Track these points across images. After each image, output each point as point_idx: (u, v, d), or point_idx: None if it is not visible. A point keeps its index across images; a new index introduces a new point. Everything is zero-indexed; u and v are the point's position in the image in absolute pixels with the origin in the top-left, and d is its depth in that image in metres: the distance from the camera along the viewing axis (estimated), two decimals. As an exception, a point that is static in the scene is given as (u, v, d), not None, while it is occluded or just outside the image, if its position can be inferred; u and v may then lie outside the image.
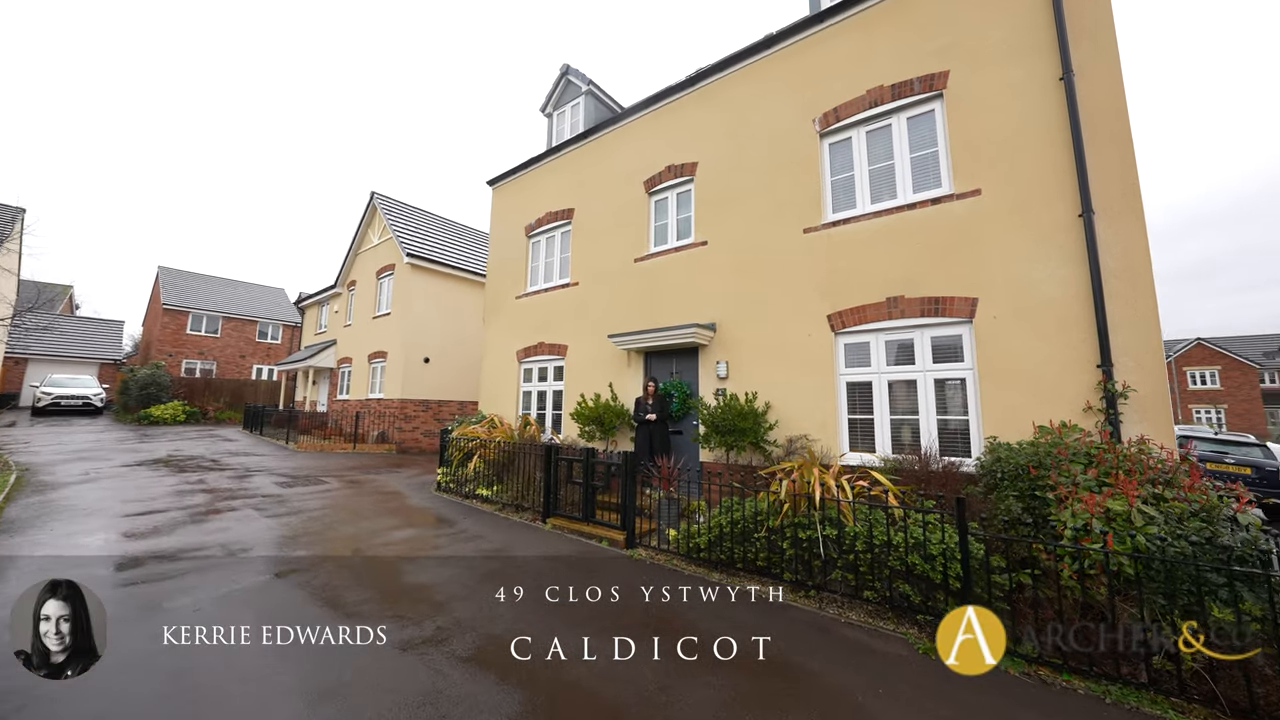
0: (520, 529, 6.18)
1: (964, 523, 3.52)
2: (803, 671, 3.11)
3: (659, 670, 3.03)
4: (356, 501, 7.42)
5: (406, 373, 13.99)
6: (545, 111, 11.25)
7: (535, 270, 10.62)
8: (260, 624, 3.35)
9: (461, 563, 4.83)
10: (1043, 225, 4.99)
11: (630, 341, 7.83)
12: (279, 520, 6.11)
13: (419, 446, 14.14)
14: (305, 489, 8.15)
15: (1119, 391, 4.42)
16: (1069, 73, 4.94)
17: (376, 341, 15.31)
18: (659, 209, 8.52)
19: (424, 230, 16.36)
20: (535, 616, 3.70)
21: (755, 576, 4.50)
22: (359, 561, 4.77)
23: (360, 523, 6.19)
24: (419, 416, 14.22)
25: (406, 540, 5.51)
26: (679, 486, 5.92)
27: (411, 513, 6.91)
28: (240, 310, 27.66)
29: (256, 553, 4.85)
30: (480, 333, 15.69)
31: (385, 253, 15.72)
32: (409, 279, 14.39)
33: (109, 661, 2.70)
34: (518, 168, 11.15)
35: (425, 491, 8.46)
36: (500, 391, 10.62)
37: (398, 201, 16.83)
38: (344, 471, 10.16)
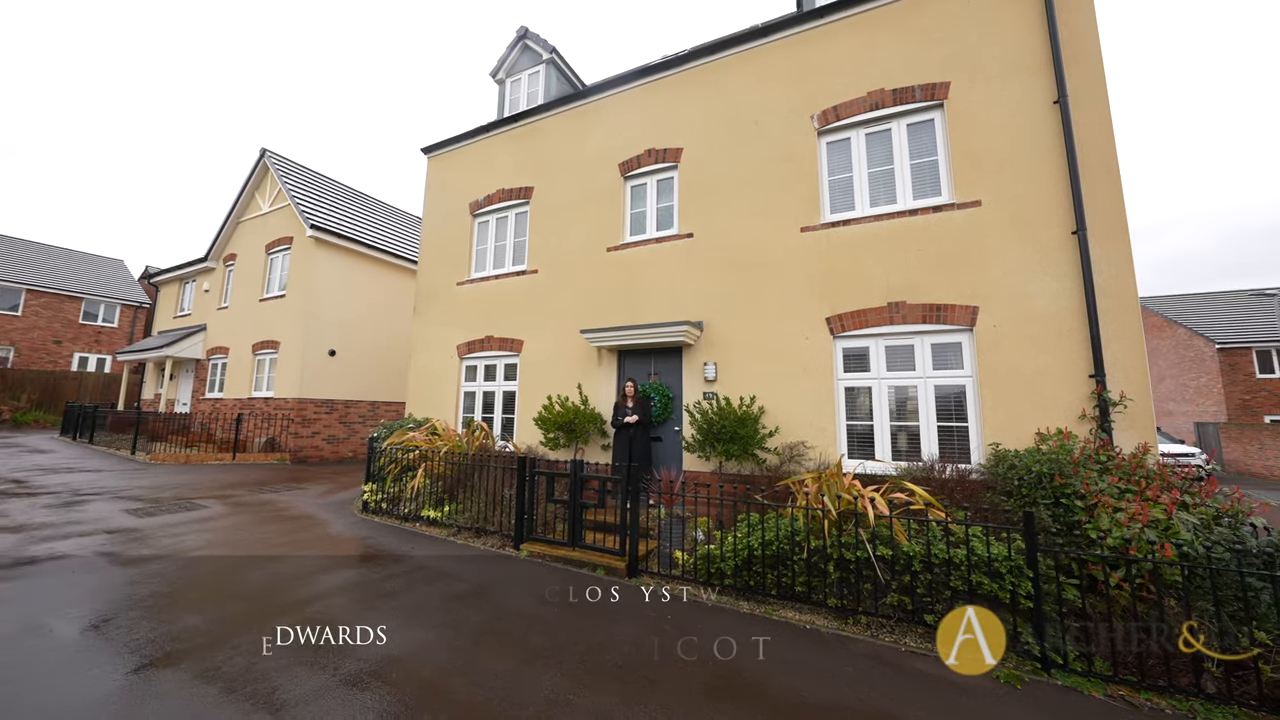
0: (490, 560, 5.14)
1: (1033, 537, 3.36)
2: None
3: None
4: (256, 533, 5.76)
5: (306, 367, 11.72)
6: (496, 77, 10.01)
7: (482, 254, 9.36)
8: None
9: (437, 616, 3.76)
10: (1040, 240, 5.19)
11: (607, 338, 7.06)
12: (142, 570, 4.42)
13: (320, 455, 11.93)
14: (175, 518, 6.21)
15: (1116, 401, 4.66)
16: (1064, 96, 5.19)
17: (265, 329, 12.69)
18: (636, 195, 7.85)
19: (331, 200, 13.95)
20: (589, 697, 2.85)
21: (791, 604, 4.04)
22: (285, 633, 3.49)
23: (270, 565, 4.71)
24: (320, 420, 12.00)
25: (346, 589, 4.23)
26: (675, 501, 5.31)
27: (339, 545, 5.49)
28: (54, 283, 21.69)
29: (113, 634, 3.31)
30: (403, 323, 13.81)
31: (279, 223, 13.11)
32: (312, 256, 12.09)
33: None
34: (462, 136, 9.77)
35: (348, 514, 6.91)
36: (435, 392, 9.18)
37: (297, 164, 14.17)
38: (226, 490, 8.06)
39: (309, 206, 12.51)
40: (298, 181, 13.37)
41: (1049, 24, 5.36)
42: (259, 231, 13.64)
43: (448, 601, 4.01)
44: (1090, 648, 3.19)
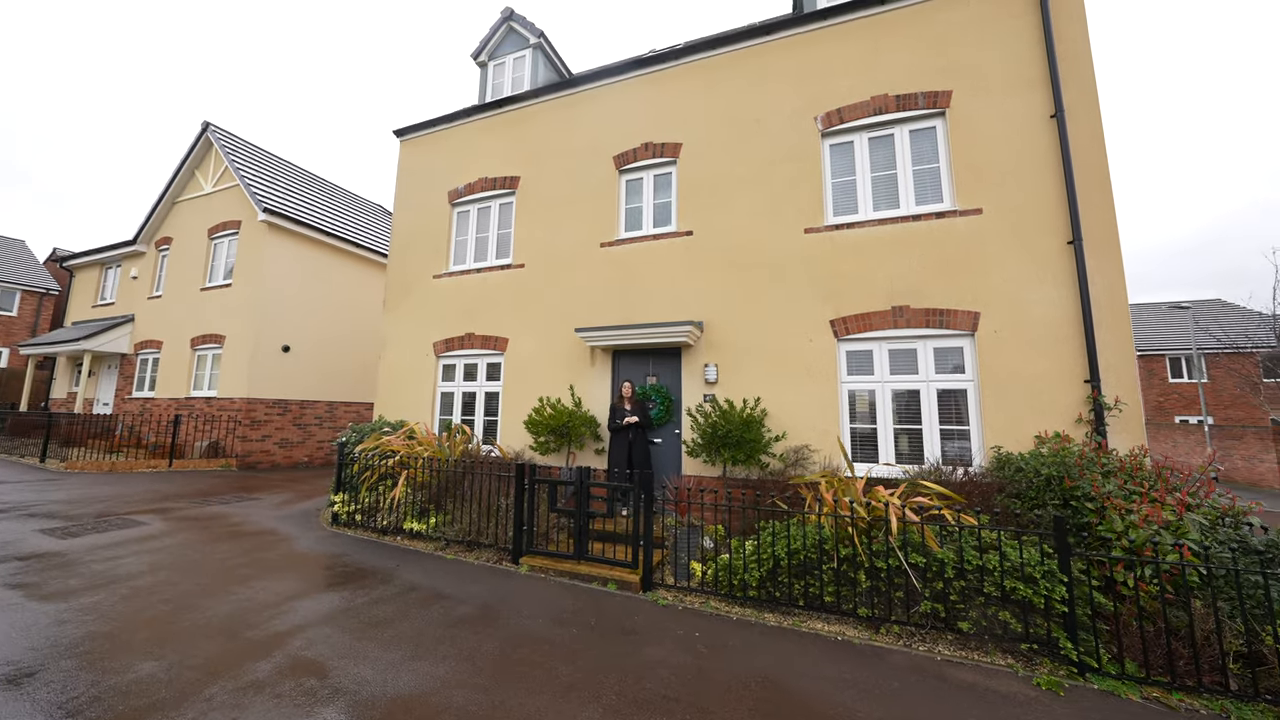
0: (488, 577, 4.73)
1: (1064, 541, 3.38)
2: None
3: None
4: (210, 554, 5.06)
5: (256, 364, 10.67)
6: (478, 59, 9.45)
7: (462, 245, 8.80)
8: None
9: (444, 646, 3.36)
10: (1039, 249, 5.35)
11: (604, 338, 6.76)
12: (72, 606, 3.72)
13: (271, 461, 10.90)
14: (106, 538, 5.38)
15: (1110, 405, 4.85)
16: (1060, 111, 5.38)
17: (207, 321, 11.47)
18: (631, 190, 7.59)
19: (287, 183, 12.81)
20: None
21: (818, 615, 3.92)
22: (268, 678, 3.00)
23: (234, 592, 4.11)
24: (272, 421, 10.96)
25: (331, 618, 3.72)
26: (687, 509, 5.11)
27: (312, 564, 4.90)
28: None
29: (40, 693, 2.66)
30: (367, 318, 12.92)
31: (225, 205, 11.89)
32: (264, 242, 11.03)
33: None
34: (440, 119, 9.16)
35: (315, 527, 6.26)
36: (409, 392, 8.56)
37: (246, 141, 12.92)
38: (166, 502, 7.14)
39: (261, 188, 11.41)
40: (248, 161, 12.18)
41: (1046, 40, 5.54)
42: (200, 214, 12.32)
43: (452, 628, 3.61)
44: (1121, 650, 3.23)
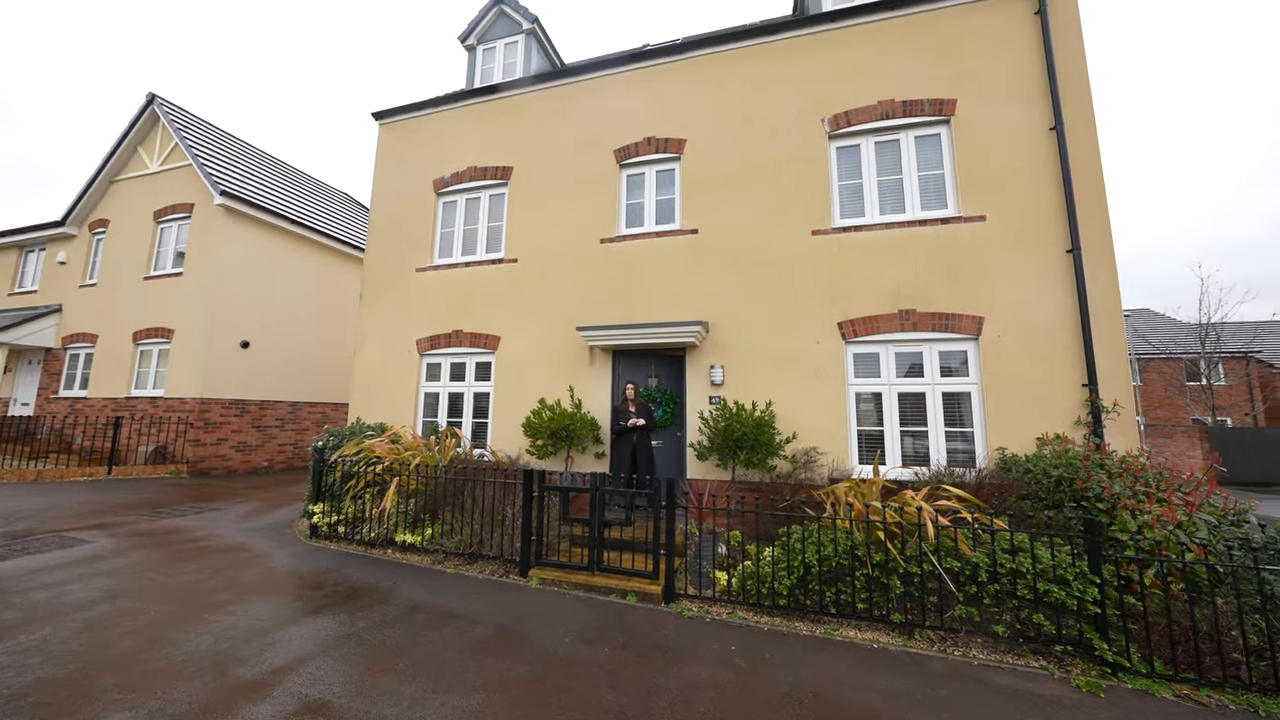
0: (496, 592, 4.42)
1: (1096, 543, 3.44)
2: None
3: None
4: (175, 575, 4.50)
5: (212, 361, 9.77)
6: (466, 42, 8.99)
7: (448, 237, 8.34)
8: None
9: (470, 675, 3.07)
10: (1040, 257, 5.51)
11: (607, 337, 6.52)
12: (10, 646, 3.15)
13: (227, 466, 10.01)
14: (42, 560, 4.70)
15: (1109, 408, 5.05)
16: (1060, 123, 5.56)
17: (153, 313, 10.42)
18: (632, 185, 7.37)
19: (247, 166, 11.83)
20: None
21: (849, 622, 3.85)
22: None
23: (211, 621, 3.63)
24: (229, 423, 10.07)
25: (331, 646, 3.33)
26: (707, 515, 4.97)
27: (297, 584, 4.44)
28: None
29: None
30: (338, 312, 12.16)
31: (174, 186, 10.84)
32: (220, 229, 10.11)
33: None
34: (424, 103, 8.65)
35: (291, 541, 5.72)
36: (388, 392, 8.02)
37: (198, 118, 11.84)
38: (109, 515, 6.38)
39: (217, 169, 10.46)
40: (203, 139, 11.15)
41: (1046, 53, 5.72)
42: (144, 194, 11.18)
43: (473, 653, 3.31)
44: (1150, 649, 3.31)
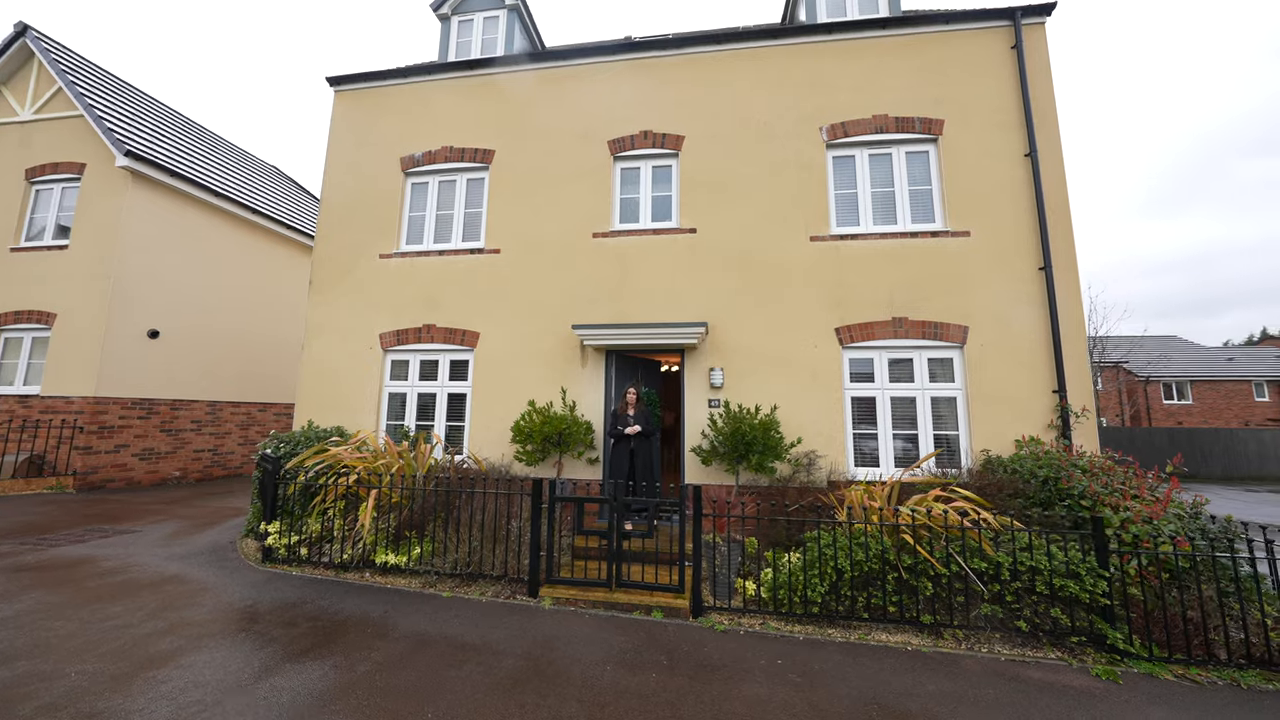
0: (505, 614, 3.99)
1: (1103, 540, 3.71)
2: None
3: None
4: (92, 622, 3.61)
5: (109, 352, 8.19)
6: (439, 10, 8.23)
7: (418, 222, 7.58)
8: None
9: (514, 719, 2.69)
10: (1017, 272, 5.95)
11: (605, 336, 6.21)
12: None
13: (128, 477, 8.46)
14: (-102, 606, 3.60)
15: (1079, 413, 5.54)
16: (1034, 150, 6.05)
17: (22, 292, 8.56)
18: (626, 179, 7.10)
19: (158, 125, 10.07)
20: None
21: (880, 625, 3.88)
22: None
23: (155, 681, 2.91)
24: (132, 427, 8.50)
25: (331, 698, 2.77)
26: (725, 523, 4.83)
27: (260, 622, 3.73)
28: None
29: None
30: (268, 300, 10.76)
31: (55, 140, 8.97)
32: (123, 196, 8.51)
33: None
34: (391, 72, 7.81)
35: (238, 566, 4.86)
36: (344, 392, 7.15)
37: (89, 61, 9.90)
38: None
39: (119, 124, 8.79)
40: (93, 83, 9.32)
41: (1021, 85, 6.20)
42: (12, 148, 9.15)
43: (508, 693, 2.92)
44: (1149, 635, 3.62)
